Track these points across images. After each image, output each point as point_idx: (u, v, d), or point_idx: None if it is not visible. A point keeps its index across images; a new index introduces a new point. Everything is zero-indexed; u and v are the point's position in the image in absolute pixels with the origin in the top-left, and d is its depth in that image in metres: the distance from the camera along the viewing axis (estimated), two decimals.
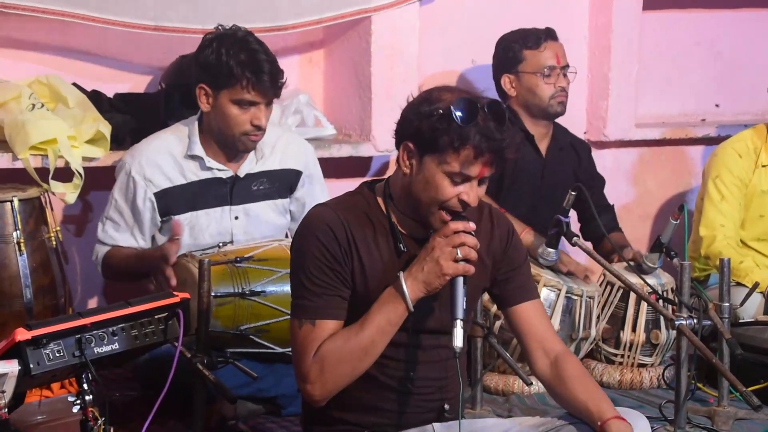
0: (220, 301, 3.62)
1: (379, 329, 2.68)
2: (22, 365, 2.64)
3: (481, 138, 2.64)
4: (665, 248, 4.19)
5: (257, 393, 3.80)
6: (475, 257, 2.67)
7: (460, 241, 2.66)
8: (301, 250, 2.76)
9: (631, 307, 4.36)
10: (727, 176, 4.68)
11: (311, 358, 2.69)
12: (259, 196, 4.03)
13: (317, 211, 2.80)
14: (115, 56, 4.62)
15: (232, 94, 3.80)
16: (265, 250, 3.76)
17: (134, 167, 3.91)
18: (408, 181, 2.74)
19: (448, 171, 2.67)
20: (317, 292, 2.72)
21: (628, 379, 4.34)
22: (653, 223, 5.55)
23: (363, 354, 2.68)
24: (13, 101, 4.14)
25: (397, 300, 2.68)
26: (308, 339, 2.71)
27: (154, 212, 3.93)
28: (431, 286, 2.68)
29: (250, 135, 3.86)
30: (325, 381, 2.69)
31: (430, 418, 2.86)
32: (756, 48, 5.78)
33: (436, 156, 2.67)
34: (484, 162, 2.67)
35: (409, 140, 2.72)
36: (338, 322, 2.73)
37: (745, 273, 4.50)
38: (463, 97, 2.67)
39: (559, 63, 4.52)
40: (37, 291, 3.82)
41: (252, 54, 3.78)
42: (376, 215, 2.80)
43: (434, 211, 2.71)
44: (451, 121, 2.63)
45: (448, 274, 2.65)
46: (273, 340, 3.73)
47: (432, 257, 2.66)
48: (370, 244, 2.77)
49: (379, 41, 4.75)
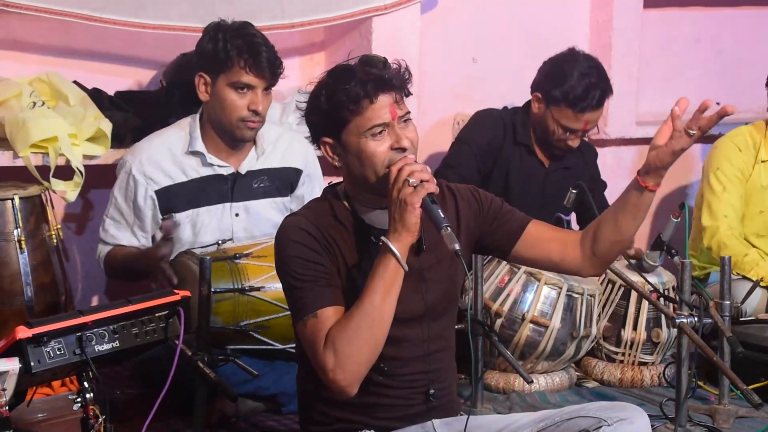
0: (219, 297, 3.62)
1: (381, 293, 2.65)
2: (22, 363, 2.64)
3: (368, 83, 2.71)
4: (666, 246, 4.18)
5: (258, 390, 3.80)
6: (426, 176, 2.67)
7: (407, 173, 2.67)
8: (282, 259, 2.77)
9: (632, 305, 4.36)
10: (728, 168, 4.68)
11: (323, 348, 2.66)
12: (260, 193, 4.03)
13: (287, 221, 2.82)
14: (116, 54, 4.62)
15: (229, 77, 3.80)
16: (263, 247, 3.76)
17: (135, 165, 3.92)
18: (346, 170, 2.79)
19: (368, 131, 2.71)
20: (308, 287, 2.71)
21: (629, 377, 4.34)
22: (654, 221, 5.55)
23: (371, 322, 2.64)
24: (14, 99, 4.14)
25: (388, 261, 2.66)
26: (314, 332, 2.68)
27: (155, 210, 3.94)
28: (411, 225, 2.66)
29: (248, 121, 3.85)
30: (344, 363, 2.63)
31: (419, 409, 2.85)
32: (757, 45, 5.78)
33: (350, 129, 2.73)
34: (389, 102, 2.72)
35: (322, 137, 2.78)
36: (339, 308, 2.71)
37: (750, 266, 4.50)
38: (334, 69, 2.78)
39: (584, 128, 4.41)
40: (38, 289, 3.83)
41: (249, 38, 3.81)
42: (344, 215, 2.81)
43: (383, 173, 2.72)
44: (335, 90, 2.72)
45: (416, 202, 2.65)
46: (273, 336, 3.73)
47: (397, 203, 2.66)
48: (346, 242, 2.78)
49: (380, 40, 4.75)
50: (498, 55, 5.12)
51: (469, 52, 5.11)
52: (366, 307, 2.65)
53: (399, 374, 2.82)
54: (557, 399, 4.19)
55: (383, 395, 2.82)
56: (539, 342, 4.18)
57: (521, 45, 5.14)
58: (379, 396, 2.82)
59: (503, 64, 5.13)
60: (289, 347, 3.75)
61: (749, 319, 4.30)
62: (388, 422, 2.83)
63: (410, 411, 2.85)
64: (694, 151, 5.66)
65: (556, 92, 4.33)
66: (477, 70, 5.13)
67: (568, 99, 4.31)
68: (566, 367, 4.36)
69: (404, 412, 2.84)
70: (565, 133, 4.39)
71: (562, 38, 4.69)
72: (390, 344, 2.74)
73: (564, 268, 2.96)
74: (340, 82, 2.73)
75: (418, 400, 2.85)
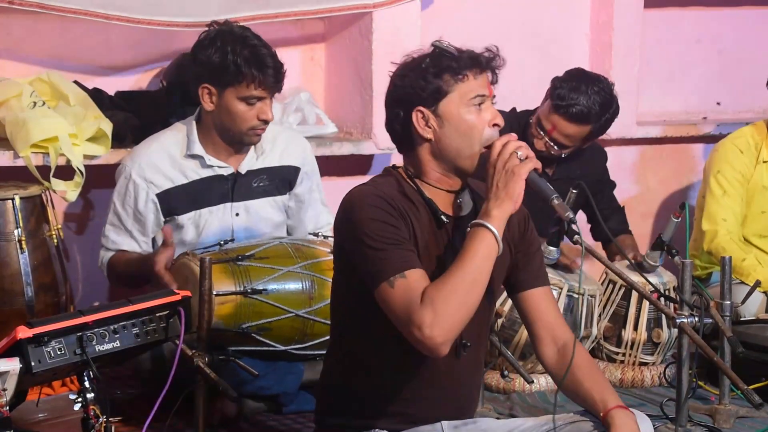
0: (221, 299, 3.62)
1: (479, 255, 2.64)
2: (23, 363, 2.64)
3: (473, 55, 2.75)
4: (666, 246, 4.18)
5: (259, 391, 3.80)
6: (532, 153, 2.72)
7: (515, 146, 2.70)
8: (356, 223, 2.69)
9: (632, 305, 4.36)
10: (729, 171, 4.68)
11: (419, 305, 2.60)
12: (259, 192, 4.03)
13: (357, 189, 2.78)
14: (117, 54, 4.62)
15: (238, 91, 3.80)
16: (266, 248, 3.76)
17: (134, 170, 3.91)
18: (435, 145, 2.77)
19: (471, 100, 2.73)
20: (392, 249, 2.66)
21: (630, 377, 4.34)
22: (655, 221, 5.55)
23: (471, 284, 2.62)
24: (15, 99, 4.14)
25: (485, 233, 2.65)
26: (408, 291, 2.62)
27: (157, 213, 3.93)
28: (516, 195, 2.67)
29: (257, 129, 3.87)
30: (442, 320, 2.58)
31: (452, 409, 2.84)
32: (757, 45, 5.78)
33: (451, 98, 2.74)
34: (487, 80, 2.77)
35: (418, 106, 2.76)
36: (425, 272, 2.67)
37: (748, 272, 4.49)
38: (437, 42, 2.77)
39: (550, 131, 4.37)
40: (39, 289, 3.83)
41: (254, 50, 3.79)
42: (411, 192, 2.80)
43: (478, 151, 2.75)
44: (440, 60, 2.74)
45: (523, 173, 2.67)
46: (275, 338, 3.73)
47: (502, 172, 2.67)
48: (416, 217, 2.76)
49: (381, 39, 4.75)
50: None
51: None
52: (466, 267, 2.63)
53: (459, 367, 2.81)
54: (558, 399, 4.18)
55: (434, 385, 2.80)
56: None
57: (521, 45, 5.14)
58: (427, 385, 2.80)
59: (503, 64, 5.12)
60: (291, 348, 3.75)
61: (749, 320, 4.31)
62: (426, 415, 2.82)
63: (436, 413, 2.83)
64: (696, 152, 5.66)
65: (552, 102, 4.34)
66: None
67: (559, 108, 4.31)
68: None
69: (431, 412, 2.82)
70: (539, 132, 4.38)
71: (562, 38, 4.69)
72: None
73: (533, 347, 2.95)
74: (446, 53, 2.75)
75: (463, 398, 2.86)
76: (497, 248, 2.66)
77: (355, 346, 2.82)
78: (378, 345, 2.75)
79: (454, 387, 2.84)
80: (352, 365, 2.83)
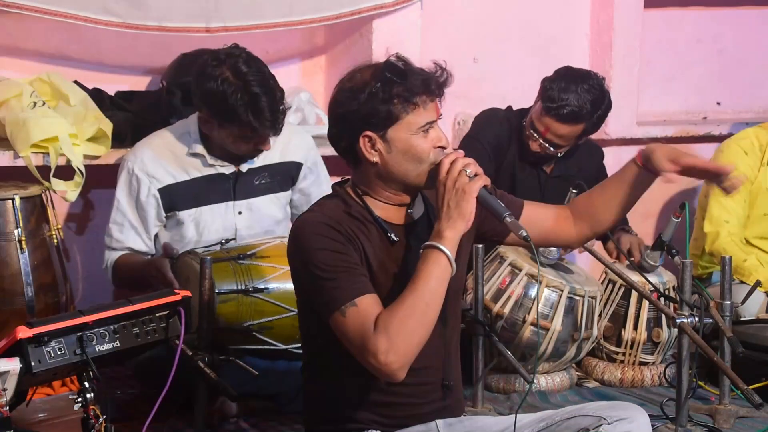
0: (223, 298, 3.62)
1: (434, 278, 2.64)
2: (23, 363, 2.64)
3: (423, 80, 2.74)
4: (667, 246, 4.19)
5: (259, 390, 3.80)
6: (480, 170, 2.72)
7: (462, 164, 2.70)
8: (305, 254, 2.71)
9: (632, 305, 4.36)
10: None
11: (373, 333, 2.60)
12: (261, 190, 4.04)
13: (303, 218, 2.79)
14: (117, 54, 4.62)
15: (233, 131, 3.80)
16: (267, 247, 3.77)
17: (137, 165, 3.92)
18: (381, 168, 2.76)
19: (418, 127, 2.73)
20: (342, 278, 2.67)
21: (630, 377, 4.34)
22: (655, 221, 5.55)
23: (425, 307, 2.62)
24: (15, 99, 4.14)
25: (438, 254, 2.66)
26: (360, 318, 2.63)
27: (158, 208, 3.94)
28: (467, 213, 2.67)
29: (254, 154, 3.91)
30: (397, 345, 2.59)
31: (435, 406, 2.85)
32: (758, 45, 5.78)
33: (399, 124, 2.73)
34: (433, 99, 2.76)
35: (364, 130, 2.75)
36: (376, 296, 2.67)
37: (749, 272, 4.50)
38: (382, 65, 2.78)
39: (544, 132, 4.35)
40: (39, 289, 3.83)
41: (254, 98, 3.73)
42: (358, 211, 2.80)
43: (425, 171, 2.74)
44: (392, 86, 2.72)
45: (474, 191, 2.67)
46: (276, 337, 3.74)
47: (452, 191, 2.67)
48: (366, 236, 2.77)
49: (381, 40, 4.75)
50: (498, 55, 5.12)
51: (470, 52, 5.11)
52: (420, 290, 2.63)
53: (418, 367, 2.79)
54: (558, 399, 4.19)
55: (401, 392, 2.81)
56: (540, 344, 4.17)
57: (522, 45, 5.14)
58: (395, 392, 2.81)
59: (503, 64, 5.13)
60: (292, 347, 3.75)
61: (750, 319, 4.31)
62: (403, 420, 2.83)
63: (424, 409, 2.84)
64: (697, 152, 5.65)
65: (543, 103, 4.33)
66: (477, 70, 5.12)
67: (549, 110, 4.29)
68: (567, 368, 4.36)
69: (419, 410, 2.84)
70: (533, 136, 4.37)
71: (562, 38, 4.69)
72: None
73: (557, 241, 3.07)
74: (398, 77, 2.73)
75: (434, 395, 2.85)
76: (450, 269, 2.66)
77: (328, 361, 2.82)
78: (347, 360, 2.72)
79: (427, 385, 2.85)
80: (327, 379, 2.83)
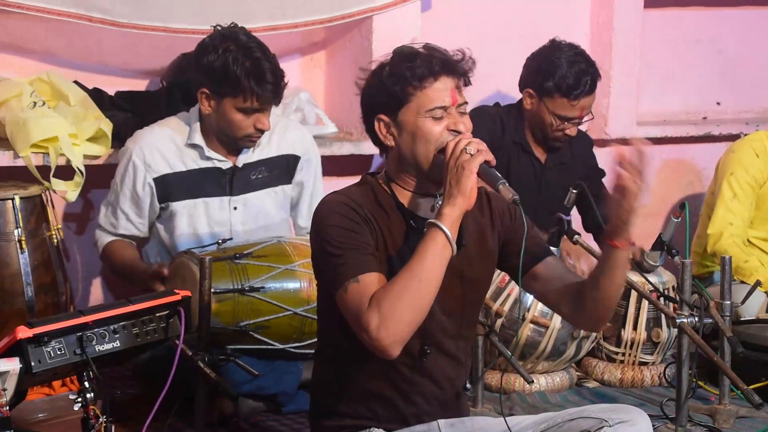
0: (219, 297, 3.62)
1: (429, 254, 2.63)
2: (23, 363, 2.64)
3: (434, 61, 2.72)
4: (666, 246, 4.18)
5: (258, 390, 3.80)
6: (483, 147, 2.70)
7: (465, 143, 2.69)
8: (320, 230, 2.72)
9: (632, 305, 4.36)
10: (742, 174, 4.68)
11: (366, 309, 2.61)
12: (258, 184, 4.05)
13: (327, 198, 2.80)
14: (117, 54, 4.62)
15: (236, 102, 3.81)
16: (264, 247, 3.77)
17: (135, 152, 3.95)
18: (396, 152, 2.78)
19: (428, 111, 2.72)
20: (349, 254, 2.67)
21: (630, 377, 4.34)
22: (655, 221, 5.55)
23: (420, 284, 2.61)
24: (15, 99, 4.14)
25: (436, 232, 2.65)
26: (358, 295, 2.63)
27: (153, 198, 3.96)
28: (467, 190, 2.65)
29: (252, 137, 3.89)
30: (388, 322, 2.59)
31: (438, 408, 2.85)
32: (757, 45, 5.78)
33: (410, 107, 2.73)
34: (451, 86, 2.74)
35: (379, 114, 2.77)
36: (381, 275, 2.67)
37: (750, 272, 4.50)
38: (399, 48, 2.78)
39: (580, 116, 4.43)
40: (39, 289, 3.82)
41: (256, 63, 3.78)
42: (385, 199, 2.80)
43: (436, 156, 2.73)
44: (400, 67, 2.72)
45: (473, 167, 2.66)
46: (273, 336, 3.73)
47: (454, 169, 2.67)
48: (386, 224, 2.77)
49: (381, 40, 4.75)
50: (498, 55, 5.12)
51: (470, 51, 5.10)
52: (415, 267, 2.63)
53: (428, 369, 2.81)
54: (558, 399, 4.20)
55: (408, 391, 2.81)
56: (539, 342, 4.18)
57: (521, 45, 5.13)
58: (404, 391, 2.81)
59: (503, 64, 5.13)
60: (289, 347, 3.75)
61: (749, 319, 4.31)
62: (410, 418, 2.83)
63: (429, 409, 2.84)
64: (696, 152, 5.66)
65: (549, 84, 4.37)
66: (477, 70, 5.11)
67: (562, 89, 4.35)
68: (567, 367, 4.36)
69: (423, 410, 2.84)
70: (562, 123, 4.41)
71: (562, 38, 4.66)
72: (433, 331, 2.76)
73: (559, 313, 2.97)
74: (406, 60, 2.74)
75: (441, 398, 2.85)
76: (449, 246, 2.65)
77: (338, 348, 2.82)
78: (355, 352, 2.74)
79: (437, 385, 2.85)
80: (338, 366, 2.84)
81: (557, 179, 4.52)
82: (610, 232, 2.74)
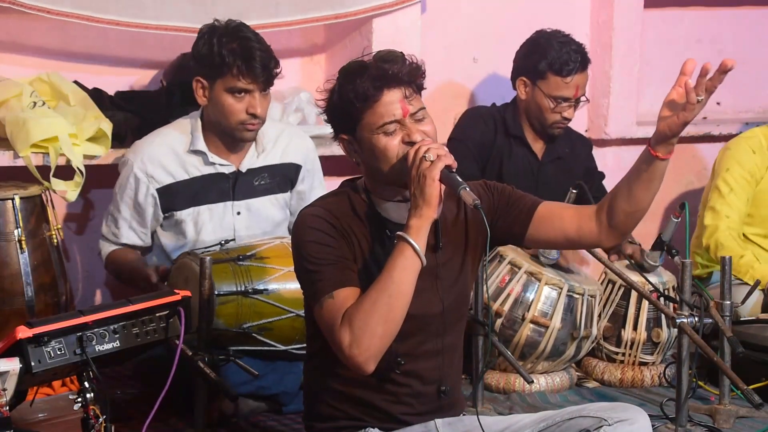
0: (222, 299, 3.62)
1: (398, 268, 2.64)
2: (23, 363, 2.64)
3: (374, 79, 2.70)
4: (666, 246, 4.19)
5: (258, 390, 3.80)
6: (443, 152, 2.68)
7: (423, 150, 2.68)
8: (299, 245, 2.75)
9: (632, 305, 4.36)
10: (738, 170, 4.67)
11: (339, 326, 2.63)
12: (261, 191, 4.04)
13: (304, 211, 2.82)
14: (117, 54, 4.62)
15: (225, 82, 3.81)
16: (267, 248, 3.77)
17: (136, 164, 3.93)
18: (367, 166, 2.79)
19: (380, 128, 2.71)
20: (325, 270, 2.69)
21: (630, 377, 4.34)
22: (655, 221, 5.55)
23: (389, 298, 2.62)
24: (15, 99, 4.14)
25: (404, 245, 2.65)
26: (333, 311, 2.65)
27: (156, 208, 3.96)
28: (432, 198, 2.65)
29: (246, 124, 3.87)
30: (360, 338, 2.61)
31: (431, 407, 2.85)
32: (757, 46, 5.78)
33: (363, 126, 2.73)
34: (398, 98, 2.71)
35: (339, 134, 2.79)
36: (356, 289, 2.68)
37: (746, 269, 4.49)
38: (346, 66, 2.76)
39: (576, 95, 4.45)
40: (39, 289, 3.83)
41: (243, 41, 3.80)
42: (362, 208, 2.81)
43: (397, 168, 2.72)
44: (344, 89, 2.72)
45: (435, 174, 2.65)
46: (276, 338, 3.73)
47: (416, 179, 2.66)
48: (363, 234, 2.78)
49: (381, 40, 4.75)
50: (498, 55, 5.12)
51: (470, 51, 5.11)
52: (384, 282, 2.64)
53: (413, 371, 2.82)
54: (558, 399, 4.20)
55: (396, 392, 2.82)
56: (539, 342, 4.18)
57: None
58: (392, 393, 2.82)
59: (503, 64, 5.13)
60: (292, 348, 3.75)
61: (749, 319, 4.30)
62: (402, 417, 2.83)
63: (420, 408, 2.85)
64: (696, 152, 5.66)
65: (541, 65, 4.40)
66: (477, 70, 5.12)
67: (554, 67, 4.39)
68: (567, 368, 4.36)
69: (415, 410, 2.84)
70: (558, 104, 4.42)
71: None
72: (407, 339, 2.76)
73: (582, 243, 2.94)
74: (349, 79, 2.73)
75: (430, 398, 2.85)
76: (417, 259, 2.66)
77: (326, 355, 2.81)
78: None
79: (426, 384, 2.85)
80: (327, 372, 2.84)
81: (554, 175, 4.53)
82: (655, 141, 2.78)
